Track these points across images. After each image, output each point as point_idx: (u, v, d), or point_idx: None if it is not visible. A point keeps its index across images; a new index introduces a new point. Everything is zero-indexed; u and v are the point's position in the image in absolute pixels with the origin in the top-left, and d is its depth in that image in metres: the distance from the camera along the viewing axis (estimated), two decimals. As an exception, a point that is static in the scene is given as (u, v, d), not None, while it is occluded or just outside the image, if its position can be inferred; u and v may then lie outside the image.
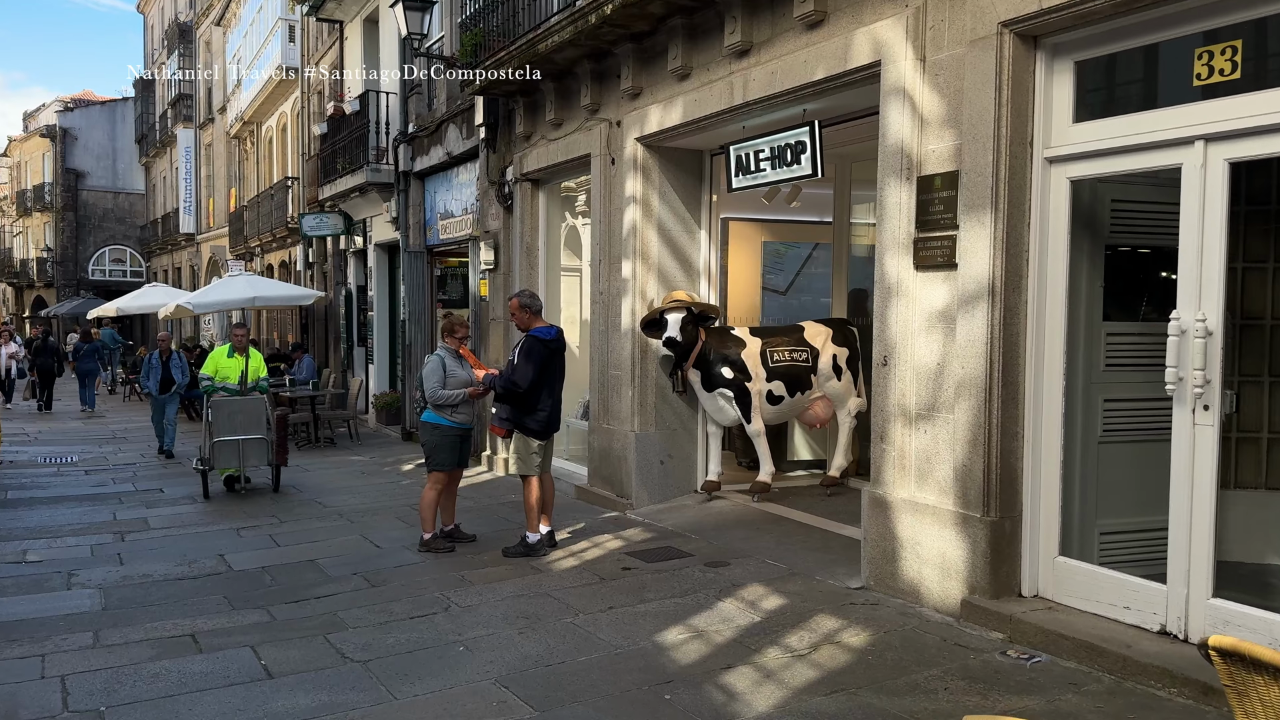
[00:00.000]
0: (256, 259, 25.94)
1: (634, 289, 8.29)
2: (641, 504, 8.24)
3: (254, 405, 9.71)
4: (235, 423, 9.51)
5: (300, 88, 20.67)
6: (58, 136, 40.84)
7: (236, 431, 9.49)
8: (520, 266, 10.47)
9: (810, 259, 11.18)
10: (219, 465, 9.62)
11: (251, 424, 9.58)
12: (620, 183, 8.47)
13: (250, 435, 9.55)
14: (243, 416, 9.56)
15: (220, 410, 9.55)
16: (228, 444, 9.47)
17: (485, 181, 11.15)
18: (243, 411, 9.59)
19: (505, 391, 6.74)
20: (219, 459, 9.54)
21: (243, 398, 9.81)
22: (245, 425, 9.54)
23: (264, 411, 9.72)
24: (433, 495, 7.14)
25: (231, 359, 10.17)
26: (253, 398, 9.85)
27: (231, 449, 9.50)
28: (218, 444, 9.44)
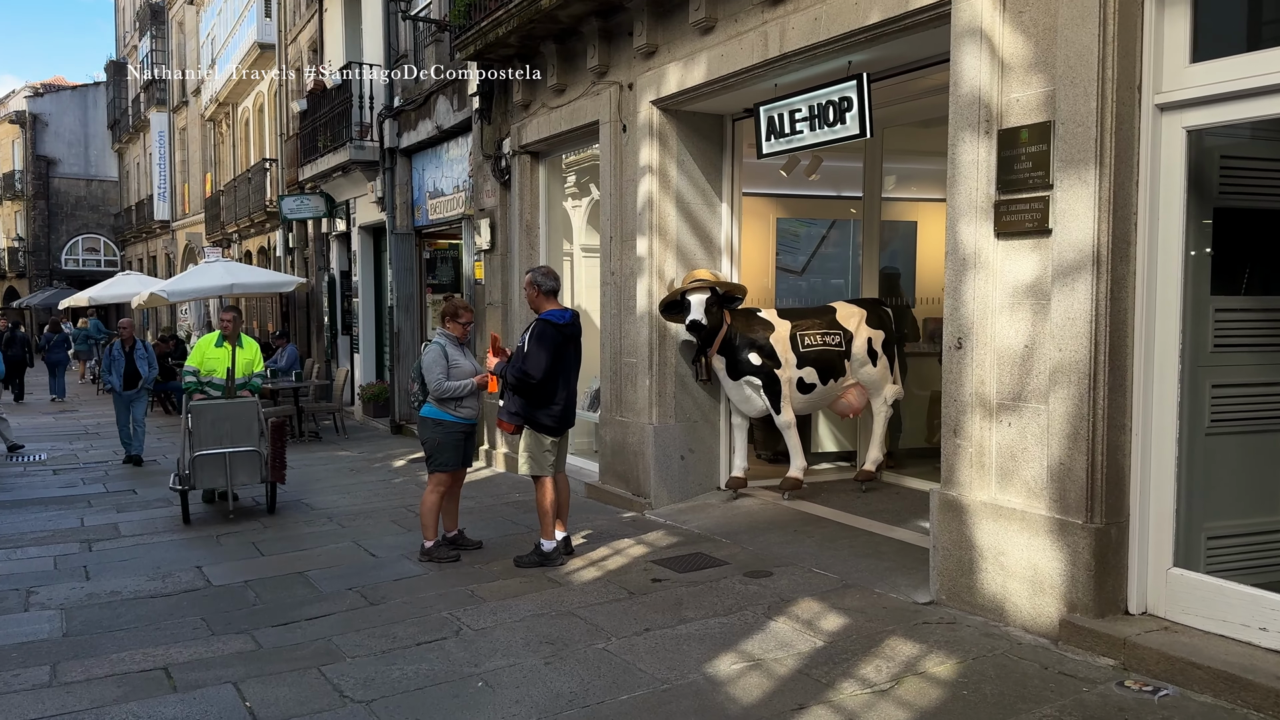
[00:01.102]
0: (234, 245, 25.01)
1: (651, 268, 7.55)
2: (661, 503, 7.53)
3: (243, 410, 7.91)
4: (221, 432, 7.74)
5: (278, 64, 19.74)
6: (27, 123, 39.59)
7: (222, 442, 7.72)
8: (520, 247, 9.71)
9: (826, 238, 10.50)
10: (201, 484, 7.85)
11: (241, 433, 7.81)
12: (633, 152, 7.72)
13: (239, 447, 7.78)
14: (230, 424, 7.77)
15: (202, 416, 7.73)
16: (211, 459, 7.69)
17: (479, 156, 10.36)
18: (230, 417, 7.79)
19: (516, 382, 6.00)
20: (201, 477, 7.74)
21: (230, 401, 8.11)
22: (233, 435, 7.77)
23: (255, 417, 7.86)
24: (435, 499, 6.40)
25: (220, 349, 8.56)
26: (242, 401, 8.09)
27: (216, 465, 7.72)
28: (199, 459, 7.64)
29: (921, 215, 10.06)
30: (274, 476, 8.03)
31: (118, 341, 11.42)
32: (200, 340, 8.73)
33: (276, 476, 8.06)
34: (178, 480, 7.86)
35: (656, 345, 7.57)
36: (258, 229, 22.65)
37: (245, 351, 8.64)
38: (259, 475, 7.92)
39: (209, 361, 8.51)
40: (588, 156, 9.82)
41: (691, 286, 7.06)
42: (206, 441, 7.71)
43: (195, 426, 7.72)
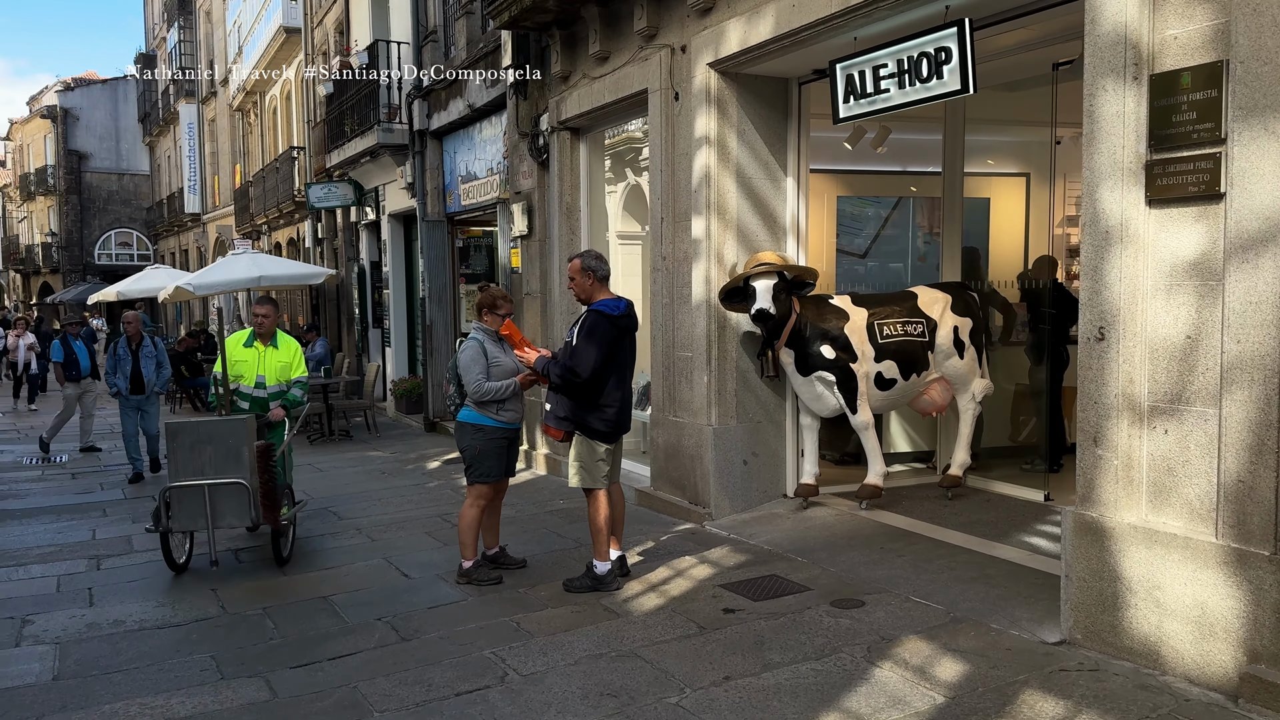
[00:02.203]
0: (264, 237, 24.54)
1: (708, 251, 6.77)
2: (722, 513, 6.77)
3: (230, 431, 6.01)
4: (199, 458, 5.92)
5: (304, 48, 19.13)
6: (59, 117, 39.49)
7: (203, 470, 5.91)
8: (560, 232, 8.97)
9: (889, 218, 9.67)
10: (177, 525, 6.03)
11: (225, 460, 5.94)
12: (687, 123, 6.94)
13: (221, 478, 5.91)
14: (213, 449, 5.96)
15: (179, 439, 5.96)
16: (188, 493, 5.90)
17: (514, 135, 9.62)
18: (212, 440, 5.97)
19: (562, 381, 5.26)
20: (177, 515, 5.97)
21: (212, 419, 6.41)
22: (216, 462, 5.93)
23: (242, 438, 5.98)
24: (475, 514, 5.69)
25: (249, 349, 6.92)
26: (230, 419, 6.23)
27: (194, 501, 5.91)
28: (174, 493, 5.94)
29: (995, 191, 9.21)
30: (267, 518, 6.10)
31: (123, 339, 9.99)
32: (229, 339, 7.02)
33: (269, 519, 6.12)
34: (154, 520, 6.11)
35: (715, 337, 6.80)
36: (287, 220, 22.12)
37: (280, 353, 6.97)
38: (248, 516, 5.98)
39: (236, 365, 6.87)
40: (623, 139, 9.07)
41: (756, 271, 6.28)
42: (183, 470, 5.92)
43: (171, 451, 5.99)
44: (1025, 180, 9.19)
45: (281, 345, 7.03)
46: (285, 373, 6.96)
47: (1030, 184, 9.10)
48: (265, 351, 6.92)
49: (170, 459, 6.05)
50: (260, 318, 7.02)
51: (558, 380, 5.26)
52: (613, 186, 9.11)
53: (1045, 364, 7.41)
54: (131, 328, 9.93)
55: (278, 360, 6.95)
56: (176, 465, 5.97)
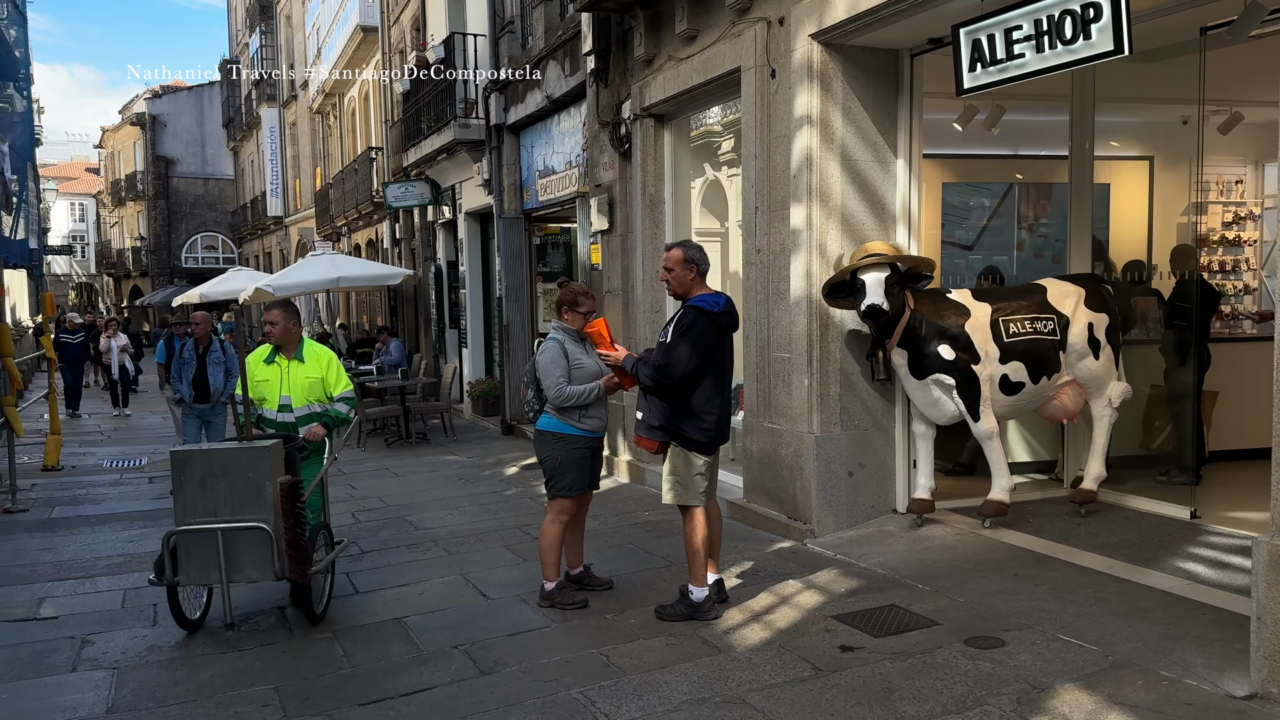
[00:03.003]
0: (343, 239, 24.62)
1: (809, 243, 6.18)
2: (825, 529, 6.16)
3: (252, 461, 4.88)
4: (212, 495, 4.85)
5: (381, 47, 19.02)
6: (147, 124, 40.57)
7: (216, 510, 4.84)
8: (642, 226, 8.45)
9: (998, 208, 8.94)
10: (187, 577, 4.91)
11: (243, 497, 4.84)
12: (785, 102, 6.35)
13: (237, 520, 4.81)
14: (228, 483, 4.85)
15: (188, 469, 4.89)
16: (199, 539, 4.82)
17: (594, 124, 9.14)
18: (229, 472, 4.85)
19: (653, 383, 4.72)
20: (185, 566, 4.86)
21: (224, 448, 5.07)
22: (232, 499, 4.84)
23: (265, 471, 4.85)
24: (557, 531, 5.20)
25: (270, 366, 5.77)
26: (253, 446, 4.99)
27: (205, 549, 4.82)
28: (181, 539, 4.85)
29: (1115, 176, 8.40)
30: (293, 572, 4.85)
31: (189, 342, 9.14)
32: (250, 357, 5.82)
33: (296, 572, 4.86)
34: (156, 572, 4.96)
35: (817, 337, 6.20)
36: (365, 221, 22.11)
37: (308, 367, 5.77)
38: (271, 568, 4.81)
39: (258, 387, 5.72)
40: (700, 133, 8.52)
41: (865, 263, 5.65)
42: (193, 510, 4.85)
43: (178, 486, 4.92)
44: (1149, 164, 8.38)
45: (309, 358, 5.80)
46: (316, 391, 5.77)
47: (1154, 168, 8.30)
48: (289, 367, 5.76)
49: (176, 496, 4.91)
50: (269, 326, 5.77)
51: (648, 382, 4.73)
52: (735, 169, 8.54)
53: (1188, 364, 6.62)
54: (199, 329, 9.14)
55: (304, 377, 5.74)
56: (184, 504, 4.86)
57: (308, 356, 5.85)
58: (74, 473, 10.91)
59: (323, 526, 5.56)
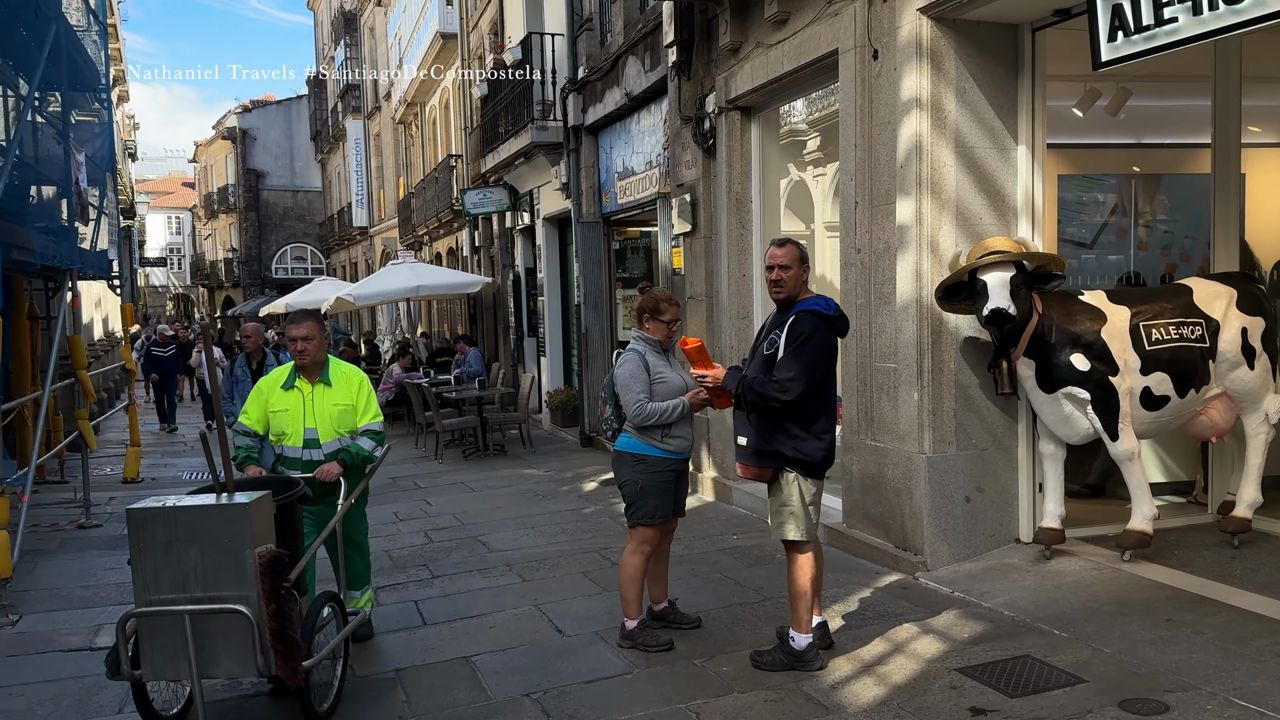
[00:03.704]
0: (425, 248, 24.65)
1: (919, 240, 5.54)
2: (939, 561, 5.50)
3: (226, 523, 3.79)
4: (179, 565, 3.78)
5: (460, 54, 18.89)
6: (238, 138, 41.59)
7: (184, 584, 3.77)
8: (728, 226, 7.90)
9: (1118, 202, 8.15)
10: (147, 674, 3.86)
11: (216, 569, 3.78)
12: (889, 84, 5.73)
13: (209, 600, 3.75)
14: (198, 550, 3.78)
15: (148, 533, 3.79)
16: (161, 623, 3.77)
17: (676, 120, 8.62)
18: (196, 536, 3.78)
19: (764, 402, 4.14)
20: (148, 657, 3.82)
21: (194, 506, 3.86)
22: (203, 571, 3.77)
23: (244, 536, 3.77)
24: (638, 563, 4.68)
25: (290, 392, 4.83)
26: (229, 505, 3.87)
27: (171, 635, 3.75)
28: (141, 621, 3.82)
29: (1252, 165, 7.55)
30: (279, 669, 3.75)
31: (240, 357, 8.16)
32: (263, 380, 4.97)
33: (284, 670, 3.75)
34: (110, 663, 3.88)
35: (928, 345, 5.55)
36: (445, 229, 22.05)
37: (336, 392, 4.84)
38: (253, 661, 3.72)
39: (275, 418, 4.81)
40: (785, 132, 7.94)
41: (987, 261, 5.00)
42: (157, 584, 3.75)
43: (137, 554, 3.77)
44: (1293, 151, 7.53)
45: (337, 382, 4.85)
46: (348, 421, 4.84)
47: (1300, 156, 7.45)
48: (314, 393, 4.80)
49: (135, 568, 3.77)
50: (301, 343, 4.73)
51: (758, 400, 4.14)
52: (821, 168, 7.98)
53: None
54: (251, 343, 8.11)
55: (332, 404, 4.80)
56: (146, 577, 3.75)
57: (336, 379, 4.86)
58: (153, 485, 10.83)
59: (331, 598, 4.33)
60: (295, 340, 4.74)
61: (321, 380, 4.85)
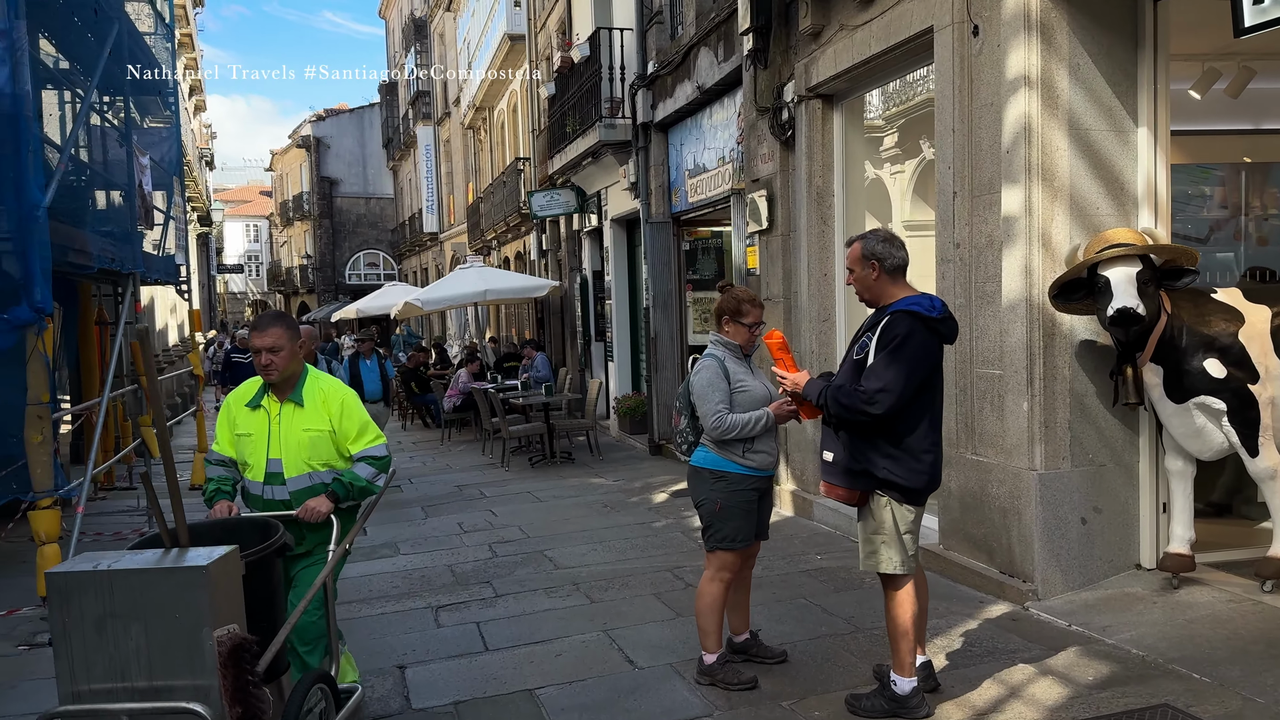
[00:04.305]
0: (493, 252, 24.58)
1: (1027, 232, 5.00)
2: (1051, 590, 4.95)
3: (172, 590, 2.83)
4: (115, 649, 2.83)
5: (528, 55, 18.68)
6: (312, 146, 42.28)
7: (124, 671, 2.83)
8: (807, 222, 7.41)
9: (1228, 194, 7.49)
10: None
11: (163, 656, 2.83)
12: (993, 62, 5.20)
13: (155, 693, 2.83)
14: (140, 628, 2.82)
15: (71, 606, 2.84)
16: None
17: (752, 112, 8.17)
18: (138, 610, 2.82)
19: (849, 414, 3.69)
20: None
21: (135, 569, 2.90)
22: (147, 658, 2.83)
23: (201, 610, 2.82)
24: (717, 592, 4.23)
25: (257, 412, 3.91)
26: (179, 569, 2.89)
27: None
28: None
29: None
30: None
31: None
32: (232, 395, 4.02)
33: None
34: None
35: (1040, 349, 5.00)
36: (514, 233, 21.90)
37: (306, 415, 3.86)
38: None
39: (239, 444, 3.89)
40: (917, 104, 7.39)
41: (1109, 255, 4.45)
42: (87, 672, 2.86)
43: (59, 635, 2.88)
44: None
45: (311, 401, 3.84)
46: (323, 450, 3.84)
47: None
48: (282, 414, 3.83)
49: (57, 649, 2.88)
50: (265, 355, 3.74)
51: (842, 413, 3.68)
52: (899, 165, 7.48)
53: None
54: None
55: (301, 429, 3.81)
56: (71, 663, 2.85)
57: (310, 398, 3.86)
58: (221, 491, 10.72)
59: (320, 678, 3.40)
60: (259, 352, 3.76)
61: (292, 399, 3.86)
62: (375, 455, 3.94)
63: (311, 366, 4.05)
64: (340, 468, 3.90)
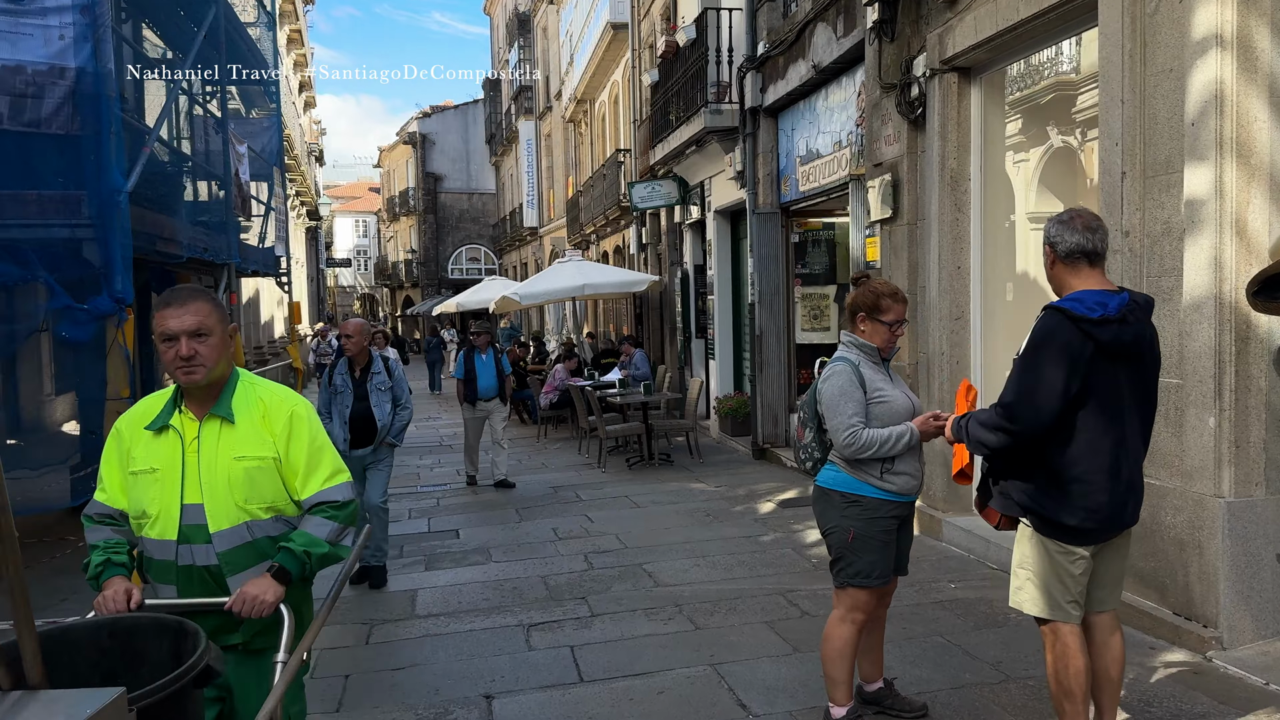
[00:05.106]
0: (592, 246, 24.28)
1: (1217, 217, 4.23)
2: (1240, 638, 4.19)
3: None
4: None
5: (630, 44, 18.24)
6: (418, 143, 42.91)
7: None
8: (939, 210, 6.70)
9: None
10: None
11: None
12: (1173, 20, 4.44)
13: None
14: None
15: None
16: None
17: (875, 90, 7.48)
18: None
19: (993, 441, 3.07)
20: None
21: None
22: None
23: None
24: (849, 634, 3.64)
25: (164, 436, 2.59)
26: None
27: None
28: None
29: None
30: None
31: (342, 361, 6.36)
32: (124, 418, 2.64)
33: None
34: None
35: (1231, 356, 4.24)
36: (612, 227, 21.54)
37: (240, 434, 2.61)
38: None
39: (137, 485, 2.58)
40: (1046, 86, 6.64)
41: (1330, 245, 3.68)
42: None
43: None
44: None
45: (246, 415, 2.64)
46: (266, 488, 2.61)
47: None
48: (203, 435, 2.60)
49: None
50: (187, 343, 2.53)
51: (984, 438, 3.07)
52: (1022, 152, 6.73)
53: None
54: (353, 343, 6.23)
55: (236, 456, 2.59)
56: None
57: (244, 411, 2.62)
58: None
59: None
60: (175, 339, 2.50)
61: (218, 413, 2.59)
62: (336, 501, 2.64)
63: (243, 370, 2.74)
64: (294, 515, 2.65)
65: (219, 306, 2.63)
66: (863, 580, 3.58)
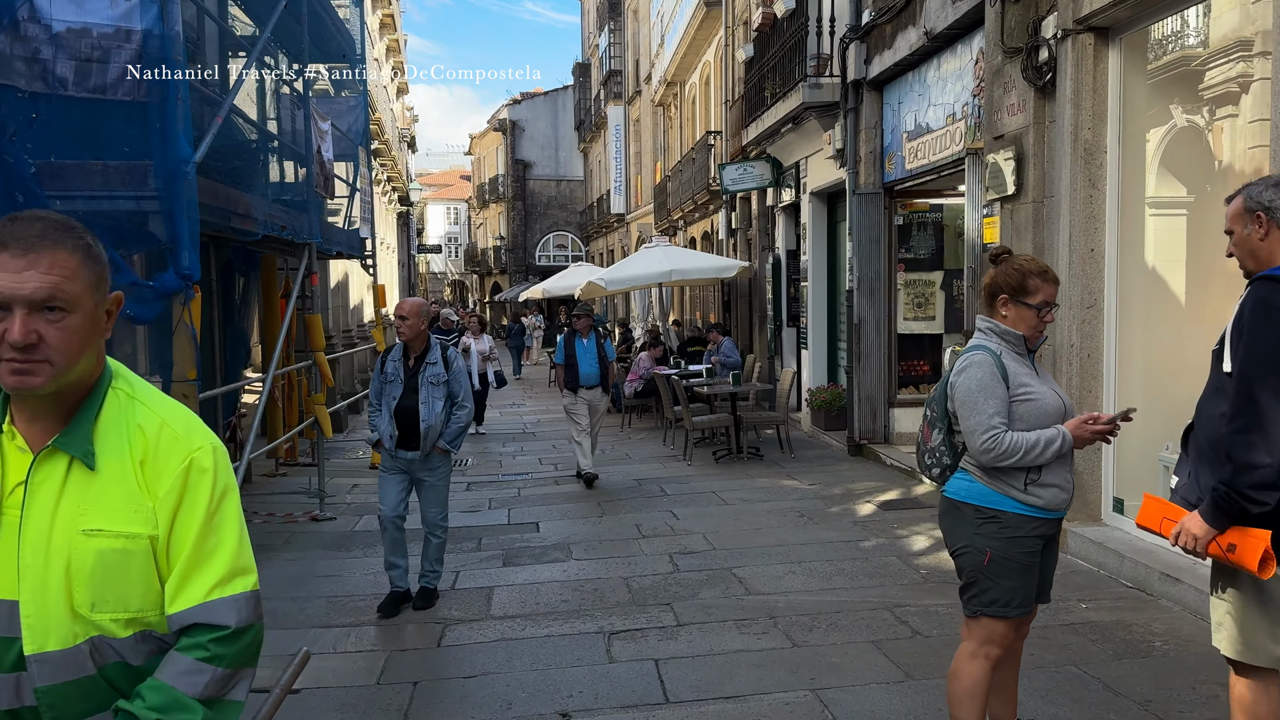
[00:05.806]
0: (680, 232, 23.78)
1: None
2: None
3: None
4: None
5: (724, 20, 17.65)
6: (507, 130, 43.01)
7: None
8: (1071, 185, 6.01)
9: None
10: None
11: None
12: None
13: None
14: None
15: None
16: None
17: (997, 55, 6.81)
18: None
19: (1252, 491, 2.39)
20: None
21: None
22: None
23: None
24: (981, 671, 3.10)
25: None
26: None
27: None
28: None
29: None
30: None
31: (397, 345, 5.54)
32: None
33: None
34: None
35: None
36: (701, 211, 21.01)
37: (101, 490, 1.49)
38: None
39: None
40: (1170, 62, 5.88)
41: None
42: None
43: None
44: None
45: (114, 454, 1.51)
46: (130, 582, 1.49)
47: None
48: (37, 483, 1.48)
49: None
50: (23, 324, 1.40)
51: (1242, 489, 2.38)
52: (1147, 127, 5.99)
53: None
54: (409, 326, 5.35)
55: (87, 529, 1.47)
56: None
57: (111, 447, 1.52)
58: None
59: None
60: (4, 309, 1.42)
61: (68, 447, 1.50)
62: (218, 625, 1.53)
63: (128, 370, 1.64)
64: (165, 632, 1.55)
65: (94, 258, 1.51)
66: (1000, 610, 3.04)
